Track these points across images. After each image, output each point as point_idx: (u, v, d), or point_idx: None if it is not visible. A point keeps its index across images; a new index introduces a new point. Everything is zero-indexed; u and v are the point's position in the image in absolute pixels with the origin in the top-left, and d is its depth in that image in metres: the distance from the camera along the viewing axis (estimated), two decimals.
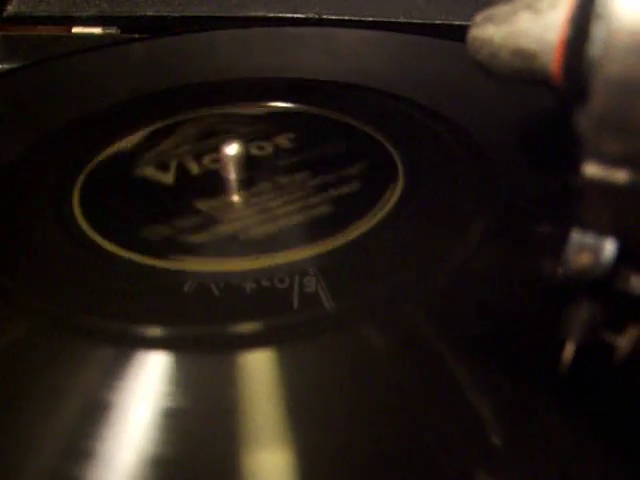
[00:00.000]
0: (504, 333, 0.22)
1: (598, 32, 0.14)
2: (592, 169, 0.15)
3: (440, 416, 0.20)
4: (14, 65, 0.43)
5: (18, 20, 0.48)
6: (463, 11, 0.45)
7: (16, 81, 0.39)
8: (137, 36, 0.46)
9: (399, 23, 0.46)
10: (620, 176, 0.15)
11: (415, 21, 0.46)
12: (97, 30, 0.48)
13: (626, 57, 0.14)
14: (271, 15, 0.46)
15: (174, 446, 0.19)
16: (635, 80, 0.14)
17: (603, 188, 0.16)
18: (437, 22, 0.46)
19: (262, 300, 0.23)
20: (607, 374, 0.19)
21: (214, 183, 0.28)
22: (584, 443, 0.19)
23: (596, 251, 0.17)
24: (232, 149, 0.27)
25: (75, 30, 0.48)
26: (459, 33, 0.26)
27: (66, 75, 0.39)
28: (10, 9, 0.48)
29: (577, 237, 0.17)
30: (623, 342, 0.18)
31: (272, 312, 0.22)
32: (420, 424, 0.20)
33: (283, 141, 0.31)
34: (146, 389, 0.21)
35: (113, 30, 0.48)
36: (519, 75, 0.20)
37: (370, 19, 0.46)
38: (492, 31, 0.20)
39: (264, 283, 0.23)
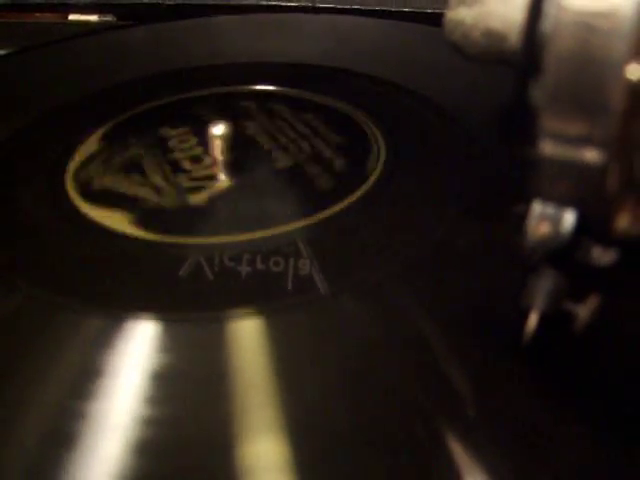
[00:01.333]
0: (479, 305, 0.23)
1: (550, 8, 0.15)
2: (548, 146, 0.16)
3: (417, 385, 0.21)
4: (11, 51, 0.44)
5: (15, 7, 0.49)
6: None
7: (9, 65, 0.40)
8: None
9: (391, 12, 0.46)
10: (574, 153, 0.16)
11: (407, 10, 0.46)
12: (93, 17, 0.48)
13: (574, 32, 0.15)
14: (264, 3, 0.47)
15: (163, 408, 0.20)
16: (582, 54, 0.15)
17: (559, 164, 0.16)
18: (428, 11, 0.46)
19: (253, 272, 0.24)
20: (568, 342, 0.20)
21: (202, 161, 0.29)
22: (547, 409, 0.20)
23: (555, 221, 0.18)
24: (219, 129, 0.28)
25: (72, 17, 0.49)
26: None
27: (59, 60, 0.40)
28: None
29: (538, 208, 0.18)
30: (583, 311, 0.19)
31: (262, 283, 0.23)
32: (399, 393, 0.21)
33: (271, 122, 0.32)
34: (138, 355, 0.21)
35: (109, 17, 0.48)
36: (490, 55, 0.21)
37: (363, 8, 0.47)
38: (464, 13, 0.21)
39: (255, 256, 0.24)
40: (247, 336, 0.22)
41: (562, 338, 0.20)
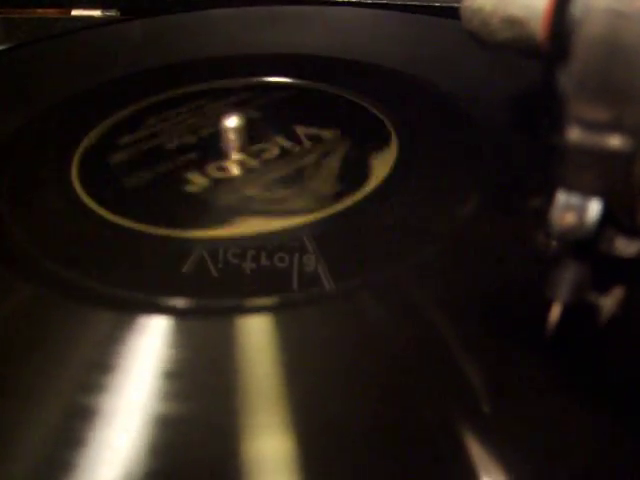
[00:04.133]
0: (495, 299, 0.22)
1: None
2: (575, 133, 0.16)
3: (433, 382, 0.20)
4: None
5: (18, 2, 0.49)
6: None
7: (15, 58, 0.40)
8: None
9: (398, 5, 0.46)
10: (601, 140, 0.16)
11: (414, 3, 0.46)
12: (97, 12, 0.48)
13: (605, 18, 0.14)
14: None
15: (174, 406, 0.20)
16: (612, 40, 0.14)
17: (585, 151, 0.16)
18: (437, 4, 0.46)
19: (261, 268, 0.23)
20: (592, 334, 0.20)
21: (212, 153, 0.29)
22: (570, 402, 0.20)
23: (581, 211, 0.17)
24: (231, 121, 0.28)
25: (75, 12, 0.48)
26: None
27: (64, 53, 0.40)
28: None
29: (562, 198, 0.18)
30: (607, 303, 0.19)
31: (270, 279, 0.23)
32: (413, 390, 0.20)
33: (281, 113, 0.32)
34: (148, 352, 0.21)
35: (113, 12, 0.48)
36: (510, 43, 0.21)
37: (369, 1, 0.46)
38: (483, 0, 0.21)
39: (263, 250, 0.24)
40: (257, 332, 0.21)
41: (586, 330, 0.20)
